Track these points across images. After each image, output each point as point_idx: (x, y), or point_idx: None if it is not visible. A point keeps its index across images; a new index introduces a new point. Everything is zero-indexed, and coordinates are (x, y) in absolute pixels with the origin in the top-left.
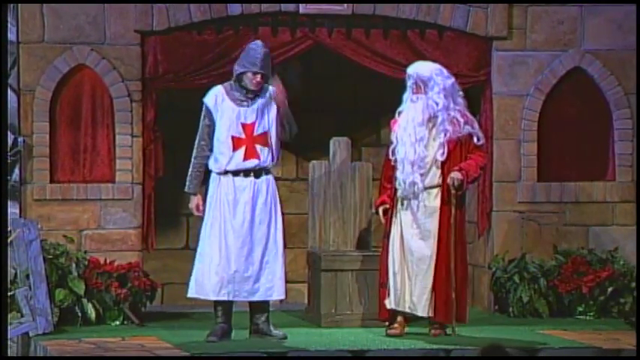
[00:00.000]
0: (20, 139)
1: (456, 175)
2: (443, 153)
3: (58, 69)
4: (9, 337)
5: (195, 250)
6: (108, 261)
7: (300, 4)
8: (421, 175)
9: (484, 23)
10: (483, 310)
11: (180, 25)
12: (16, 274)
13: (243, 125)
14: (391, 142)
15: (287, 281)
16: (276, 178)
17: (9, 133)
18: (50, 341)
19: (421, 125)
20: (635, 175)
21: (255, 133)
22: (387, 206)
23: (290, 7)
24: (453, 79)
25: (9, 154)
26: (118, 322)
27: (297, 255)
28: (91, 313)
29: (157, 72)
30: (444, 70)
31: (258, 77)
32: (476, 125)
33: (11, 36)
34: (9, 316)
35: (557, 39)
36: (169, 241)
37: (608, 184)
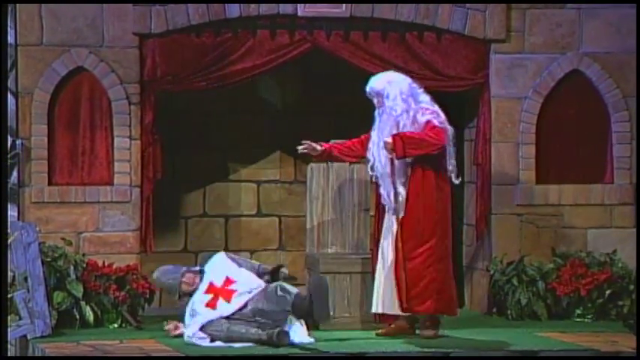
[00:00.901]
0: (18, 142)
1: (387, 139)
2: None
3: (56, 71)
4: (8, 339)
5: (193, 252)
6: (106, 263)
7: (299, 7)
8: (403, 183)
9: (482, 26)
10: (482, 313)
11: (178, 28)
12: (14, 276)
13: None
14: (368, 160)
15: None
16: (275, 181)
17: (7, 135)
18: (48, 344)
19: (385, 136)
20: (634, 177)
21: None
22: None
23: (288, 9)
24: (408, 81)
25: (7, 156)
26: (116, 325)
27: (296, 258)
28: (90, 315)
29: (156, 74)
30: (397, 75)
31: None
32: (440, 115)
33: (10, 39)
34: (8, 318)
35: (555, 42)
36: (168, 243)
37: (607, 187)
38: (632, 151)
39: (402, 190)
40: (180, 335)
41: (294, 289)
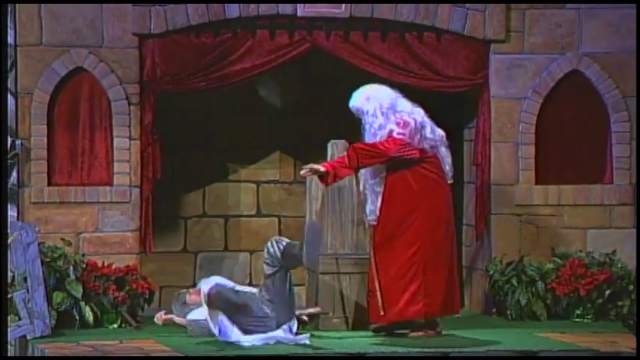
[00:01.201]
0: (18, 142)
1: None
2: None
3: (56, 72)
4: (8, 339)
5: (193, 252)
6: (106, 264)
7: (298, 7)
8: (377, 193)
9: (482, 26)
10: (481, 313)
11: (178, 28)
12: (13, 277)
13: None
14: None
15: None
16: (274, 181)
17: (7, 135)
18: (48, 344)
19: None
20: (634, 178)
21: None
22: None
23: (288, 10)
24: (388, 92)
25: (7, 156)
26: (115, 325)
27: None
28: (89, 316)
29: (155, 75)
30: (377, 89)
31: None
32: (407, 125)
33: (9, 39)
34: (7, 319)
35: (554, 42)
36: (167, 243)
37: (606, 187)
38: (631, 152)
39: (375, 200)
40: (169, 320)
41: (285, 240)
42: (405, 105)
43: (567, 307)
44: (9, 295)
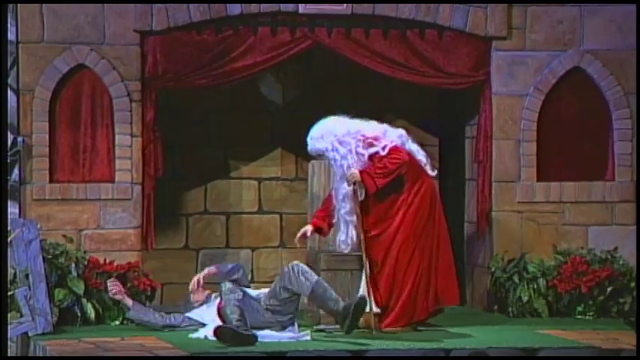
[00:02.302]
0: (20, 139)
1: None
2: (361, 194)
3: (57, 69)
4: (9, 336)
5: (194, 250)
6: (107, 261)
7: (300, 4)
8: (355, 226)
9: (483, 23)
10: (483, 310)
11: (179, 25)
12: (15, 273)
13: None
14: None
15: None
16: (276, 178)
17: (8, 132)
18: (49, 341)
19: (339, 183)
20: (635, 174)
21: None
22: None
23: (289, 7)
24: (339, 119)
25: (8, 153)
26: (117, 322)
27: (297, 254)
28: (91, 312)
29: (157, 72)
30: (328, 123)
31: None
32: (380, 139)
33: (11, 36)
34: (9, 316)
35: (556, 39)
36: (169, 240)
37: (608, 184)
38: (633, 149)
39: (353, 234)
40: (117, 294)
41: (314, 276)
42: (358, 124)
43: (569, 304)
44: (11, 292)
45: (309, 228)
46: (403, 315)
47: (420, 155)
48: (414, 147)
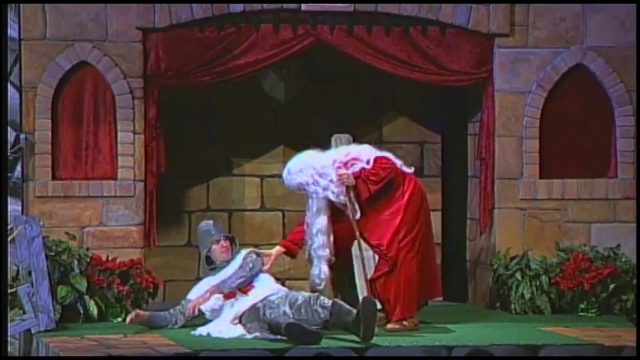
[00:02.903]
0: (22, 136)
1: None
2: (356, 211)
3: (60, 66)
4: (11, 333)
5: (197, 247)
6: (110, 258)
7: (302, 2)
8: (328, 262)
9: (486, 20)
10: (485, 307)
11: (182, 22)
12: (18, 270)
13: None
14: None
15: (289, 278)
16: (278, 175)
17: (11, 129)
18: (52, 338)
19: (317, 216)
20: (637, 171)
21: None
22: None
23: (292, 4)
24: (312, 152)
25: (11, 151)
26: (120, 319)
27: (299, 252)
28: (93, 309)
29: (159, 69)
30: (303, 159)
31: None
32: (359, 158)
33: (13, 33)
34: (11, 312)
35: (559, 36)
36: (171, 238)
37: (610, 181)
38: (635, 146)
39: (325, 269)
40: (143, 320)
41: (328, 302)
42: (331, 154)
43: (571, 301)
44: (13, 290)
45: (280, 250)
46: (408, 308)
47: (394, 158)
48: (385, 153)
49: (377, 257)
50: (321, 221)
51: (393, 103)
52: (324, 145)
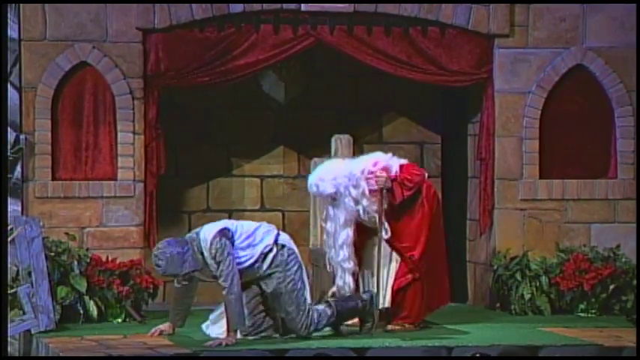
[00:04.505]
0: (22, 137)
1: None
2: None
3: (59, 66)
4: (11, 334)
5: None
6: (110, 258)
7: (302, 3)
8: (353, 274)
9: (486, 21)
10: (485, 308)
11: (181, 23)
12: (18, 271)
13: None
14: (325, 250)
15: None
16: (278, 176)
17: (11, 130)
18: (52, 338)
19: (344, 228)
20: (637, 172)
21: None
22: None
23: (292, 4)
24: (345, 162)
25: (11, 151)
26: (119, 320)
27: (300, 252)
28: (93, 310)
29: (159, 69)
30: (335, 166)
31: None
32: (389, 167)
33: (13, 33)
34: (11, 313)
35: (559, 36)
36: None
37: (610, 182)
38: (635, 146)
39: (349, 281)
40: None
41: (327, 310)
42: (359, 162)
43: (571, 301)
44: (13, 290)
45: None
46: (419, 311)
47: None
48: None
49: (398, 264)
50: (348, 233)
51: (393, 104)
52: (324, 145)
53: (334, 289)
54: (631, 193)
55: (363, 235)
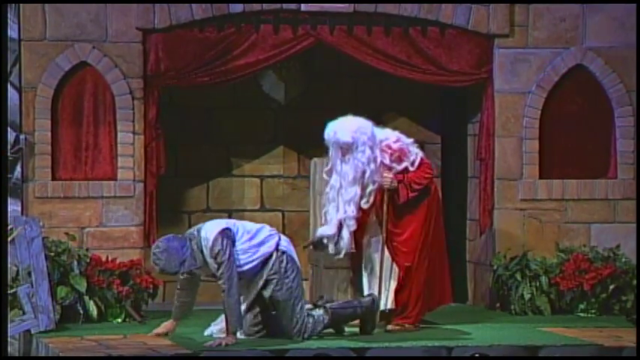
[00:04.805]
0: (22, 137)
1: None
2: (367, 202)
3: (59, 66)
4: (11, 334)
5: None
6: (110, 258)
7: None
8: (352, 232)
9: (486, 21)
10: (485, 308)
11: (181, 23)
12: (18, 271)
13: None
14: (323, 205)
15: None
16: (278, 176)
17: (11, 130)
18: (52, 339)
19: (352, 185)
20: (637, 172)
21: None
22: None
23: (292, 4)
24: (369, 124)
25: (11, 151)
26: (119, 320)
27: (299, 252)
28: (93, 310)
29: (159, 69)
30: (361, 122)
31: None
32: (407, 153)
33: (13, 33)
34: (11, 313)
35: (558, 36)
36: None
37: (610, 182)
38: (635, 146)
39: (345, 236)
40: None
41: (325, 318)
42: (382, 132)
43: (571, 301)
44: (13, 290)
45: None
46: (419, 311)
47: (421, 154)
48: (423, 154)
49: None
50: (356, 191)
51: (393, 103)
52: (324, 145)
53: (316, 237)
54: (631, 193)
55: (367, 234)
